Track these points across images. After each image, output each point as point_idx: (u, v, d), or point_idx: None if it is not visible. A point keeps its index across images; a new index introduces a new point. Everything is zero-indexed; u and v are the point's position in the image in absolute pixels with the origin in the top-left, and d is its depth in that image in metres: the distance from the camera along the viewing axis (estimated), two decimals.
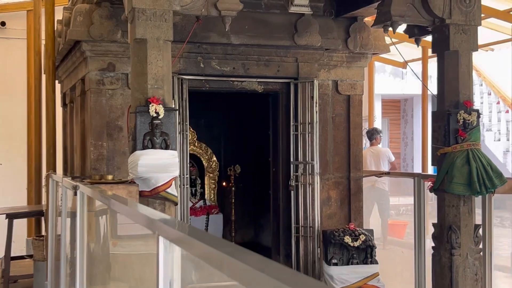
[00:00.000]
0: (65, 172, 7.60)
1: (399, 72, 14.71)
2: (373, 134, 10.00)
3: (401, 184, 12.22)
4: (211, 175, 7.87)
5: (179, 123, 5.87)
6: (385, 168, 9.83)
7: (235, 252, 1.41)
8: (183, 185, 5.91)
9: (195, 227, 1.82)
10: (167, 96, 4.39)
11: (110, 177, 4.24)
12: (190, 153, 7.81)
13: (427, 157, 9.61)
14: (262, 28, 6.11)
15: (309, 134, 6.26)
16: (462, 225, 5.04)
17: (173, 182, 4.31)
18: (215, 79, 6.16)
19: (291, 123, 6.33)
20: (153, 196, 4.20)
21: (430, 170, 9.97)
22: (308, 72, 6.34)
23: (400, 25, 5.17)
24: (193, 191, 7.61)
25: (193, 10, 4.77)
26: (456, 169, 4.92)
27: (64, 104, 7.79)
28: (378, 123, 14.28)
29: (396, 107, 17.81)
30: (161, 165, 4.20)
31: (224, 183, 7.87)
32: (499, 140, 13.75)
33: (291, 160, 6.34)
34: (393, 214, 13.17)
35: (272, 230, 6.74)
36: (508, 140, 13.46)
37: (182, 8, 4.60)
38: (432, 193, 5.48)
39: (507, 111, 13.47)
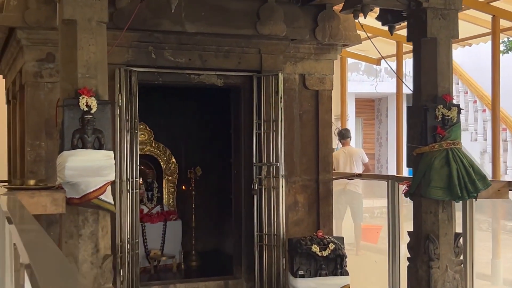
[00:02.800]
0: (9, 176, 6.94)
1: (373, 70, 14.23)
2: (345, 134, 9.49)
3: (374, 186, 11.74)
4: (169, 178, 7.26)
5: (127, 120, 5.27)
6: (359, 169, 9.31)
7: None
8: (132, 189, 5.30)
9: None
10: (102, 87, 3.78)
11: (32, 182, 3.62)
12: (146, 154, 7.24)
13: (402, 158, 9.10)
14: (220, 15, 5.52)
15: (274, 133, 5.68)
16: (441, 234, 4.48)
17: (108, 187, 3.69)
18: (169, 72, 5.56)
19: (254, 121, 5.75)
20: (84, 204, 3.58)
21: (406, 172, 9.46)
22: (272, 64, 5.76)
23: (371, 9, 4.62)
24: (150, 196, 6.99)
25: None
26: (434, 171, 4.37)
27: (7, 101, 7.13)
28: (351, 123, 13.80)
29: (370, 106, 17.34)
30: (93, 167, 3.59)
31: (183, 187, 7.26)
32: (475, 140, 13.32)
33: (254, 161, 5.75)
34: (367, 217, 12.70)
35: (233, 238, 6.15)
36: (485, 140, 13.03)
37: None
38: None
39: (484, 110, 13.04)
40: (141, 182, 7.08)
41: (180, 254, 6.77)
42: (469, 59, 13.15)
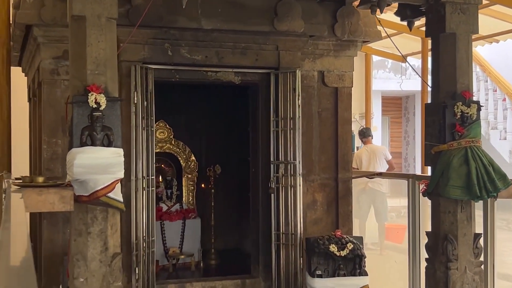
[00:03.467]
0: (31, 173, 6.98)
1: (400, 67, 14.05)
2: (366, 133, 9.38)
3: (401, 185, 11.57)
4: (189, 176, 7.23)
5: (143, 118, 5.24)
6: (383, 167, 9.19)
7: None
8: (148, 187, 5.27)
9: None
10: (111, 83, 3.74)
11: (41, 179, 3.61)
12: (166, 152, 7.22)
13: None
14: (237, 11, 5.47)
15: (291, 131, 5.61)
16: (459, 235, 4.36)
17: (118, 185, 3.66)
18: (185, 69, 5.52)
19: (271, 118, 5.68)
20: (92, 202, 3.56)
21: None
22: (290, 61, 5.69)
23: (388, 4, 4.51)
24: (169, 194, 6.97)
25: None
26: (453, 170, 4.25)
27: (29, 99, 7.18)
28: (377, 121, 13.64)
29: (397, 104, 17.11)
30: (101, 165, 3.56)
31: (203, 185, 7.23)
32: (505, 138, 13.05)
33: (271, 159, 5.68)
34: (394, 216, 12.52)
35: (251, 237, 6.10)
36: None
37: None
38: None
39: None
40: (160, 180, 7.08)
41: (199, 252, 6.73)
42: (498, 56, 12.88)
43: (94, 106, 3.58)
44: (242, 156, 6.60)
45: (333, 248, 5.45)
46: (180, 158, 7.21)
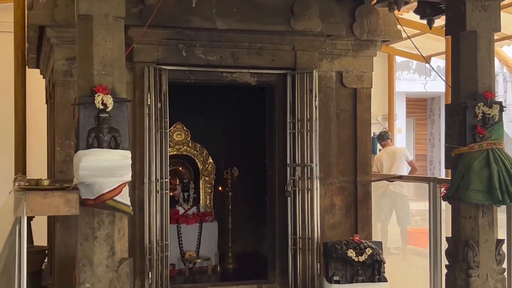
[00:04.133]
0: (48, 176, 6.95)
1: (425, 68, 13.81)
2: (384, 136, 9.22)
3: (426, 188, 11.34)
4: (206, 178, 7.14)
5: (157, 119, 5.16)
6: (403, 168, 9.01)
7: None
8: (162, 190, 5.18)
9: None
10: (119, 84, 3.65)
11: (46, 182, 3.54)
12: (183, 155, 7.14)
13: None
14: (253, 11, 5.36)
15: (308, 133, 5.48)
16: (481, 241, 4.19)
17: (125, 188, 3.57)
18: (200, 70, 5.42)
19: (288, 120, 5.56)
20: (99, 206, 3.47)
21: None
22: (307, 61, 5.56)
23: (406, 2, 4.36)
24: (186, 196, 6.88)
25: None
26: (474, 173, 4.07)
27: (46, 100, 7.16)
28: (400, 123, 13.42)
29: (422, 106, 16.82)
30: (108, 167, 3.47)
31: (220, 188, 7.13)
32: None
33: (288, 162, 5.56)
34: (419, 220, 12.28)
35: (268, 241, 5.98)
36: None
37: None
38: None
39: None
40: (177, 183, 7.00)
41: (216, 256, 6.64)
42: None
43: (101, 107, 3.49)
44: (261, 158, 6.49)
45: (351, 253, 5.31)
46: (197, 161, 7.13)
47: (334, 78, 5.83)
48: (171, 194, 6.96)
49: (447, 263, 4.49)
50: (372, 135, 10.47)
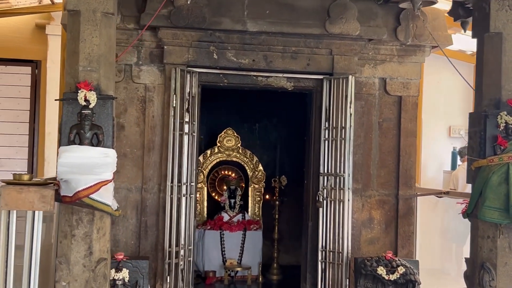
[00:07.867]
0: None
1: None
2: (462, 152, 8.61)
3: None
4: (256, 186, 6.99)
5: (186, 122, 5.09)
6: None
7: None
8: (187, 193, 5.10)
9: None
10: (104, 81, 3.60)
11: (26, 177, 3.53)
12: (233, 161, 7.04)
13: None
14: (286, 13, 5.18)
15: (342, 141, 5.20)
16: (499, 264, 3.74)
17: (108, 187, 3.49)
18: (234, 73, 5.30)
19: (322, 127, 5.32)
20: (76, 203, 3.42)
21: None
22: (345, 66, 5.30)
23: (432, 2, 4.00)
24: (232, 203, 6.77)
25: None
26: (490, 189, 3.65)
27: None
28: None
29: None
30: (86, 165, 3.41)
31: (267, 196, 6.96)
32: None
33: (321, 171, 5.31)
34: None
35: (301, 253, 5.74)
36: None
37: None
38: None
39: None
40: (224, 189, 6.91)
41: (259, 266, 6.46)
42: None
43: (84, 103, 3.45)
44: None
45: (381, 270, 4.98)
46: (247, 167, 7.00)
47: (377, 85, 5.52)
48: (218, 199, 6.90)
49: (464, 287, 4.06)
50: (452, 149, 9.90)
